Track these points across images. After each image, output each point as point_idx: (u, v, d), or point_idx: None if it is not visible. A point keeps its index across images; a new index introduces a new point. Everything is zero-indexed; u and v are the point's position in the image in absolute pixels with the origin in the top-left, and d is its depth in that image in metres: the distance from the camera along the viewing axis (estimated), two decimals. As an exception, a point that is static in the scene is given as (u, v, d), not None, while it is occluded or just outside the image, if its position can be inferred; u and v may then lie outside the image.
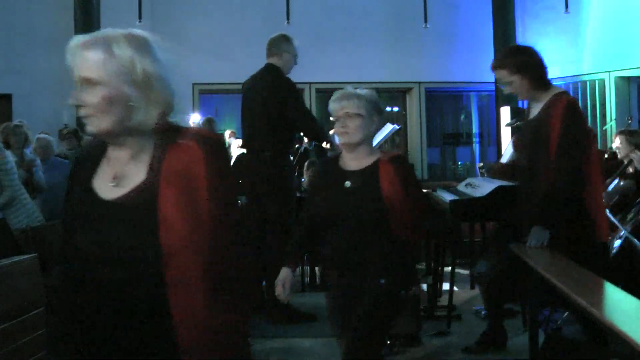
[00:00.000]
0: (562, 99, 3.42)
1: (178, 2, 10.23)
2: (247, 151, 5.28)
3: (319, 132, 5.05)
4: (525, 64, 3.50)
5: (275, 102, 4.87)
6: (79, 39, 1.52)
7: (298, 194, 6.40)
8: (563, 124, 3.31)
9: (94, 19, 9.57)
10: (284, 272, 2.81)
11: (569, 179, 3.29)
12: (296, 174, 6.39)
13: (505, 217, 3.91)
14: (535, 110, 3.56)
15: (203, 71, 10.03)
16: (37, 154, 5.99)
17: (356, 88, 2.85)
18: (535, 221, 3.36)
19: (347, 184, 2.74)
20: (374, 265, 2.72)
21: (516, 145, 3.97)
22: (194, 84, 10.26)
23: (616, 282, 2.66)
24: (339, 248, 2.75)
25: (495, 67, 3.59)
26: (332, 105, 2.80)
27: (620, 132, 5.60)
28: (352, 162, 2.81)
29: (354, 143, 2.77)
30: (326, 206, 2.78)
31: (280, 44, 5.04)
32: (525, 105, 3.83)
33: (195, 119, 9.07)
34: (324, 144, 6.27)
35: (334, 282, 2.87)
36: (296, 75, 5.18)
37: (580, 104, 10.42)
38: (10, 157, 5.11)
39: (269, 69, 5.00)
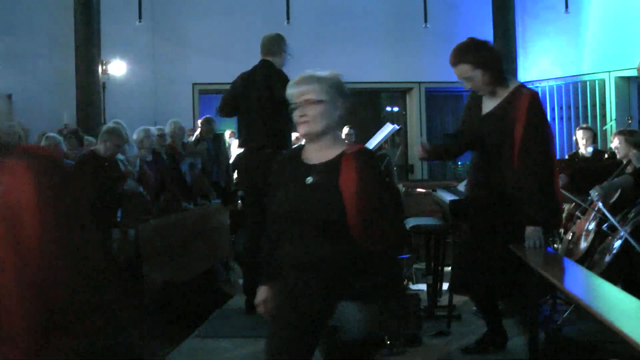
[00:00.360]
0: (524, 92, 3.47)
1: (178, 2, 10.24)
2: (245, 149, 5.27)
3: None
4: (486, 58, 3.49)
5: (271, 98, 4.86)
6: None
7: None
8: (530, 116, 3.36)
9: (94, 19, 9.57)
10: (263, 292, 2.50)
11: (540, 170, 3.36)
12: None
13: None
14: (491, 104, 3.57)
15: (203, 71, 10.04)
16: None
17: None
18: (527, 222, 3.40)
19: (309, 179, 2.39)
20: (335, 279, 2.33)
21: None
22: (194, 84, 10.27)
23: (616, 282, 2.66)
24: (296, 250, 2.40)
25: (455, 63, 3.53)
26: (290, 91, 2.45)
27: (619, 133, 5.58)
28: (315, 154, 2.45)
29: (315, 133, 2.41)
30: (286, 204, 2.43)
31: (280, 43, 5.06)
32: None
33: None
34: None
35: (287, 285, 2.43)
36: (296, 75, 5.18)
37: (580, 104, 10.48)
38: None
39: (267, 66, 5.01)
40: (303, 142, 2.56)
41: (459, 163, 11.73)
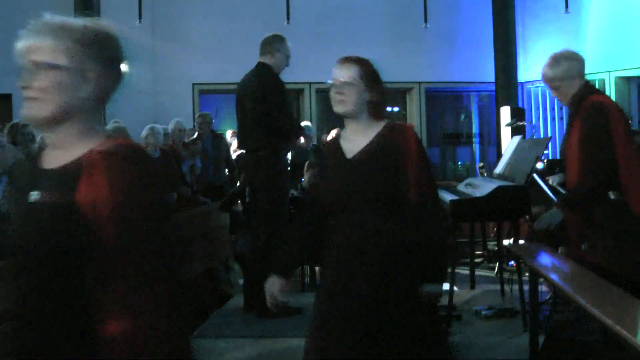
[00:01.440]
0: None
1: (178, 2, 10.23)
2: (244, 151, 5.32)
3: (290, 133, 5.07)
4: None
5: (262, 101, 4.90)
6: None
7: (296, 194, 6.41)
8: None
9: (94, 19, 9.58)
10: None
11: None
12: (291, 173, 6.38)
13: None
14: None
15: (203, 71, 10.03)
16: None
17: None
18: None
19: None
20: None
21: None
22: (194, 84, 10.27)
23: (615, 281, 2.66)
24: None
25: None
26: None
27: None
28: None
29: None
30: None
31: (273, 43, 5.07)
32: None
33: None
34: (301, 140, 6.30)
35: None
36: (296, 75, 5.19)
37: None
38: None
39: (259, 68, 5.05)
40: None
41: (459, 163, 11.74)
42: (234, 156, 7.97)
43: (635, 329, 1.90)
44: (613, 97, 9.88)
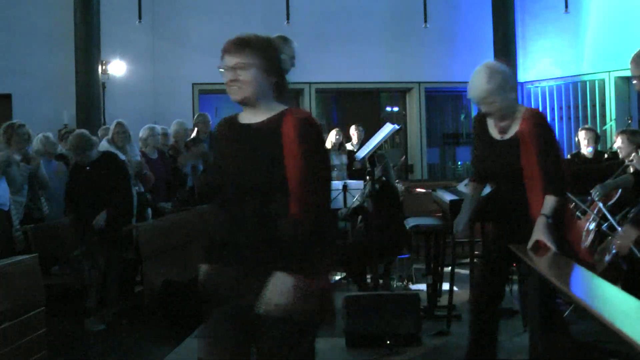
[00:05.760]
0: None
1: (178, 2, 10.23)
2: None
3: None
4: None
5: None
6: None
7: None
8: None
9: (94, 19, 9.57)
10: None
11: None
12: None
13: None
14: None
15: (203, 71, 10.01)
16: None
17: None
18: None
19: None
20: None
21: None
22: (194, 84, 10.27)
23: (615, 282, 2.66)
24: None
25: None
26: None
27: (621, 132, 5.59)
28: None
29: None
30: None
31: (277, 45, 5.04)
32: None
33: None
34: None
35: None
36: (296, 75, 5.16)
37: (580, 104, 10.48)
38: None
39: None
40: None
41: (459, 163, 11.74)
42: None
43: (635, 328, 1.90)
44: (613, 97, 9.90)
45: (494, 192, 3.55)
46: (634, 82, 3.26)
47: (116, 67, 9.92)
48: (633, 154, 4.99)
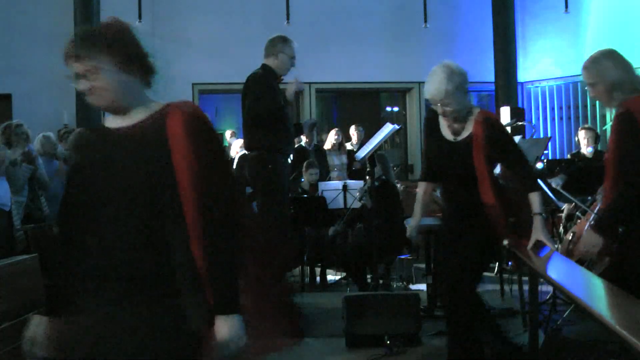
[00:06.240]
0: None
1: (178, 2, 10.23)
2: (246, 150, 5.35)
3: (283, 133, 4.98)
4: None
5: (255, 102, 4.90)
6: None
7: (294, 194, 6.41)
8: None
9: (94, 19, 9.57)
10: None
11: None
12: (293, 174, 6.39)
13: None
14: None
15: (203, 71, 10.03)
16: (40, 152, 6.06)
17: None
18: None
19: None
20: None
21: None
22: (193, 84, 10.26)
23: (615, 282, 2.65)
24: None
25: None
26: None
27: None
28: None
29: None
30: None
31: (276, 44, 5.04)
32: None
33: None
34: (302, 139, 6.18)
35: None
36: (296, 75, 5.18)
37: (580, 104, 10.47)
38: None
39: (260, 69, 5.04)
40: None
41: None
42: (234, 156, 7.98)
43: (635, 328, 1.90)
44: (613, 97, 9.88)
45: (444, 192, 3.63)
46: (587, 88, 3.33)
47: (116, 67, 9.92)
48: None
